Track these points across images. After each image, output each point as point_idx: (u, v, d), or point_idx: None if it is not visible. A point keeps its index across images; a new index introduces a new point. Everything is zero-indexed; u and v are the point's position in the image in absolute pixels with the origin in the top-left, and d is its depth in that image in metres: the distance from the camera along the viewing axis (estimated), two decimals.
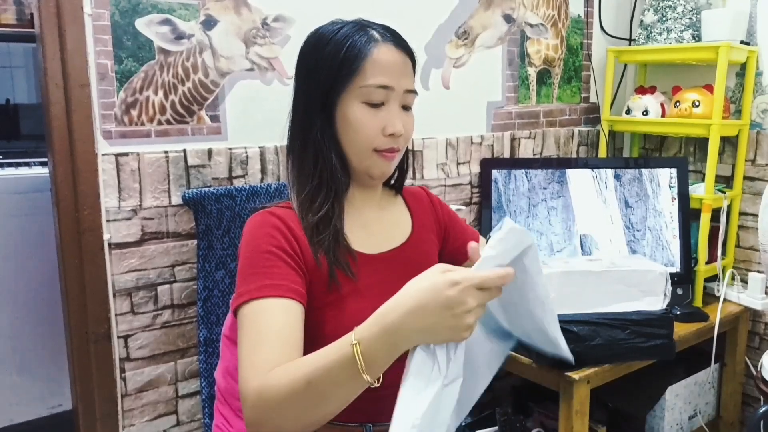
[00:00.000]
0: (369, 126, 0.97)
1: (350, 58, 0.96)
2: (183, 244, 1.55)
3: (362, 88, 0.96)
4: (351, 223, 1.03)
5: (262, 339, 0.87)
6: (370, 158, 1.00)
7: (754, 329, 2.14)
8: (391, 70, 0.97)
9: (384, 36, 0.99)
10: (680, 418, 2.01)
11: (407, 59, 1.01)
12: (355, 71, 0.96)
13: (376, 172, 1.02)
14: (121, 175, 1.45)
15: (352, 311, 0.97)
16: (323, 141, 0.99)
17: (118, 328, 1.49)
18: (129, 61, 1.44)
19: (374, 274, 1.02)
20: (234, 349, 1.43)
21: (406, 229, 1.11)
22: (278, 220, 0.97)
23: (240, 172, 1.61)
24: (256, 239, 0.95)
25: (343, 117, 0.98)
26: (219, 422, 1.43)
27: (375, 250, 1.05)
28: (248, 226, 0.99)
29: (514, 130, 2.14)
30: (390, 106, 0.99)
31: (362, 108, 0.97)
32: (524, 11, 2.09)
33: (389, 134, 0.98)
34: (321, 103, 0.99)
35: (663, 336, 1.63)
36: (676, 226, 2.05)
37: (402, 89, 0.99)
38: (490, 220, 2.02)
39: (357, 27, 0.98)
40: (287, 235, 0.96)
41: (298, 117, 1.03)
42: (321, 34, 1.00)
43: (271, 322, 0.89)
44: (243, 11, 1.56)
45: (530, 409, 2.08)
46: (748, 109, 2.08)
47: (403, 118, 1.01)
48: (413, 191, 1.19)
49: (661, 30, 2.13)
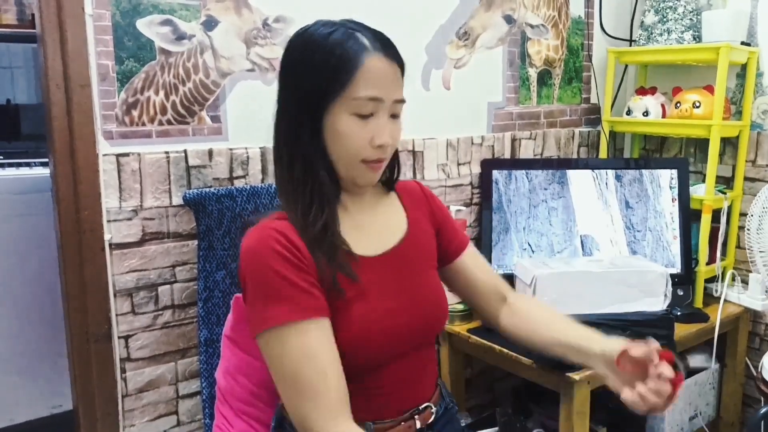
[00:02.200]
0: (357, 138, 0.95)
1: (341, 68, 0.93)
2: (184, 245, 1.55)
3: (353, 100, 0.94)
4: (345, 227, 1.02)
5: (324, 369, 0.90)
6: (357, 168, 0.98)
7: (754, 330, 2.13)
8: (382, 82, 0.95)
9: (374, 44, 0.95)
10: (680, 419, 2.01)
11: (397, 68, 0.98)
12: (346, 82, 0.93)
13: (362, 182, 1.01)
14: (121, 175, 1.45)
15: (358, 314, 0.97)
16: (311, 152, 0.97)
17: (119, 329, 1.49)
18: (130, 62, 1.44)
19: (375, 276, 1.02)
20: (235, 349, 1.43)
21: (401, 227, 1.10)
22: (278, 233, 0.94)
23: (241, 173, 1.61)
24: (264, 257, 0.93)
25: (332, 128, 0.96)
26: (219, 422, 1.43)
27: (373, 252, 1.04)
28: (248, 244, 0.95)
29: (514, 130, 2.14)
30: (379, 117, 0.96)
31: (351, 119, 0.95)
32: (525, 12, 2.09)
33: (377, 145, 0.96)
34: (308, 112, 0.96)
35: (663, 337, 1.63)
36: (676, 226, 2.05)
37: (391, 100, 0.97)
38: (491, 221, 2.02)
39: (347, 33, 0.95)
40: (290, 248, 0.93)
41: (284, 125, 1.00)
42: (309, 39, 0.97)
43: (322, 354, 0.90)
44: (244, 12, 1.56)
45: (531, 410, 2.08)
46: (749, 109, 2.08)
47: (391, 128, 0.98)
48: (406, 185, 1.18)
49: (661, 31, 2.13)
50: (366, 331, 0.96)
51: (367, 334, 0.97)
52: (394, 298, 1.01)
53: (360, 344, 0.96)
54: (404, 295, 1.03)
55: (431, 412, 1.08)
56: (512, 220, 2.03)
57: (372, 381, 0.99)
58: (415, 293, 1.05)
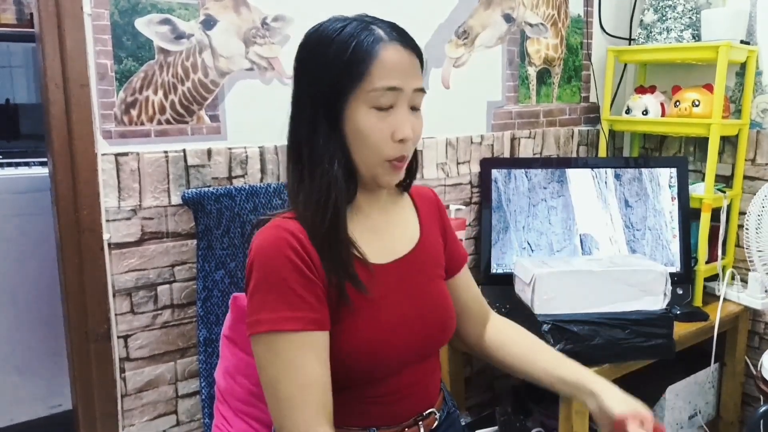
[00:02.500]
0: (378, 133, 0.92)
1: (356, 60, 0.90)
2: (183, 244, 1.55)
3: (371, 92, 0.90)
4: (359, 229, 0.99)
5: (307, 382, 0.88)
6: (381, 167, 0.95)
7: (754, 329, 2.13)
8: (399, 71, 0.91)
9: (390, 35, 0.92)
10: (680, 418, 2.01)
11: (415, 58, 0.95)
12: (362, 74, 0.90)
13: (385, 181, 0.97)
14: (120, 174, 1.45)
15: (366, 325, 0.95)
16: (329, 152, 0.93)
17: (118, 328, 1.49)
18: (129, 61, 1.44)
19: (386, 284, 0.99)
20: (234, 349, 1.43)
21: (415, 232, 1.08)
22: (292, 237, 0.91)
23: (240, 172, 1.61)
24: (275, 261, 0.90)
25: (351, 124, 0.92)
26: (219, 422, 1.43)
27: (385, 259, 1.01)
28: (262, 243, 0.92)
29: (514, 129, 2.14)
30: (398, 108, 0.93)
31: (371, 113, 0.91)
32: (524, 11, 2.09)
33: (399, 140, 0.93)
34: (325, 109, 0.92)
35: (663, 336, 1.63)
36: (676, 225, 2.05)
37: (411, 89, 0.93)
38: (490, 220, 2.02)
39: (361, 25, 0.92)
40: (303, 255, 0.91)
41: (300, 124, 0.96)
42: (322, 33, 0.93)
43: (308, 365, 0.89)
44: (242, 11, 1.56)
45: (530, 409, 2.08)
46: (748, 108, 2.08)
47: (412, 120, 0.95)
48: (421, 191, 1.15)
49: (660, 29, 2.13)
50: (373, 341, 0.94)
51: (374, 345, 0.94)
52: (404, 307, 0.99)
53: (366, 354, 0.94)
54: (414, 304, 1.00)
55: (435, 417, 1.07)
56: (512, 219, 2.03)
57: (378, 389, 0.98)
58: (425, 303, 1.02)
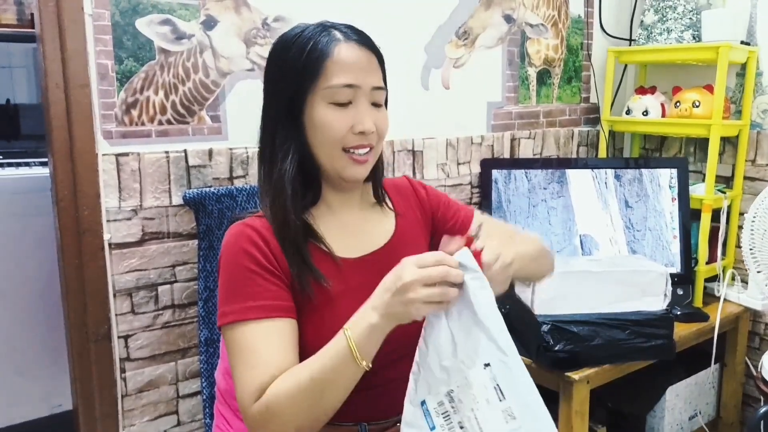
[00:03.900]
0: (337, 125, 0.95)
1: (312, 60, 0.94)
2: (184, 244, 1.55)
3: (326, 89, 0.94)
4: (329, 226, 1.02)
5: (257, 364, 0.90)
6: (341, 159, 0.98)
7: (754, 329, 2.14)
8: (354, 69, 0.95)
9: (347, 35, 0.97)
10: (680, 418, 2.01)
11: (372, 56, 0.98)
12: (318, 73, 0.94)
13: (348, 175, 0.99)
14: (121, 175, 1.45)
15: (331, 317, 0.96)
16: (283, 149, 0.98)
17: (119, 328, 1.49)
18: (129, 61, 1.44)
19: (354, 279, 1.00)
20: None
21: (389, 229, 1.09)
22: (254, 232, 0.96)
23: (241, 172, 1.61)
24: (234, 255, 0.95)
25: (310, 120, 0.96)
26: (219, 422, 1.43)
27: (355, 254, 1.03)
28: (226, 239, 0.98)
29: (514, 130, 2.14)
30: (358, 104, 0.96)
31: (329, 108, 0.95)
32: (524, 11, 2.09)
33: (358, 132, 0.96)
34: (287, 108, 0.97)
35: (663, 336, 1.63)
36: (676, 226, 2.05)
37: (369, 87, 0.96)
38: None
39: (320, 29, 0.97)
40: (263, 248, 0.95)
41: (266, 124, 1.01)
42: (284, 40, 0.99)
43: (263, 349, 0.91)
44: (243, 11, 1.56)
45: None
46: (749, 109, 2.08)
47: (374, 115, 0.98)
48: (396, 183, 1.16)
49: (661, 30, 2.13)
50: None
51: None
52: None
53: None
54: None
55: None
56: (511, 220, 2.03)
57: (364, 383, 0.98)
58: None
